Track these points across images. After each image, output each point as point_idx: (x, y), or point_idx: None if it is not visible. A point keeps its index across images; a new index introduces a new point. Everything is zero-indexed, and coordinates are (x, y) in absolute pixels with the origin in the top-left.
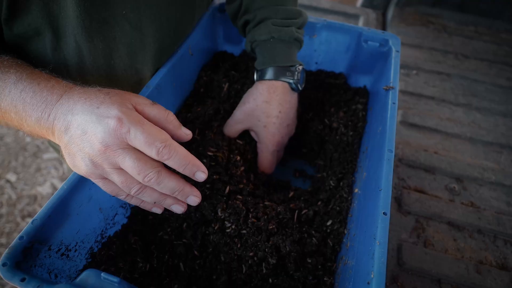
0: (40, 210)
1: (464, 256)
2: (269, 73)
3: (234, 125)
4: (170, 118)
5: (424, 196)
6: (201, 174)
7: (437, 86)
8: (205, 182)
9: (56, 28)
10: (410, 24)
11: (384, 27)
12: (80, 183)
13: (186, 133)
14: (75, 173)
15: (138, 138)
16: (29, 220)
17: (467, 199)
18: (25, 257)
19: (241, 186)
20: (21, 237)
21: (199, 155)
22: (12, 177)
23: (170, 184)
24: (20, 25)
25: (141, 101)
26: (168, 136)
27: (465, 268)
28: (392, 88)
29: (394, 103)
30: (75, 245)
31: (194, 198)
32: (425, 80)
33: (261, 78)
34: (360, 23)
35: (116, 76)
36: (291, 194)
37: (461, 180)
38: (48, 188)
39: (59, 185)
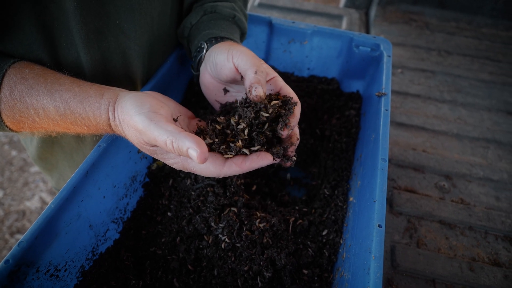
0: (26, 232)
1: (457, 254)
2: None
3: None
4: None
5: (414, 196)
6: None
7: (422, 84)
8: (198, 194)
9: (52, 41)
10: (392, 23)
11: (367, 27)
12: (67, 201)
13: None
14: (62, 191)
15: None
16: (19, 236)
17: (457, 196)
18: (11, 282)
19: (236, 198)
20: (6, 261)
21: None
22: None
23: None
24: (9, 44)
25: None
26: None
27: (459, 267)
28: (385, 94)
29: (386, 110)
30: (65, 265)
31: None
32: (410, 78)
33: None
34: (344, 23)
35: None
36: (285, 200)
37: (450, 177)
38: (36, 203)
39: (48, 198)
